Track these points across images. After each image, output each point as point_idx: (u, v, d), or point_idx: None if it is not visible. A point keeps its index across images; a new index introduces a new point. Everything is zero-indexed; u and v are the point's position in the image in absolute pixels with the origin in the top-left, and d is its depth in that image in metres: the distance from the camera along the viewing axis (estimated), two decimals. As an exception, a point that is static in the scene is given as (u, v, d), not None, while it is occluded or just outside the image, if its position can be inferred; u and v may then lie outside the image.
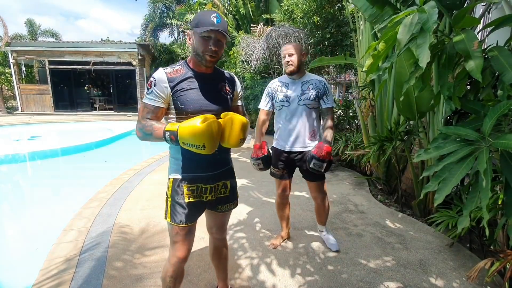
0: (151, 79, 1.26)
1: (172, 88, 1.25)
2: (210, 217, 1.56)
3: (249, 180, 4.13)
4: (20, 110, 13.63)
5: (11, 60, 13.18)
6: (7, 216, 3.68)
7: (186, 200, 1.33)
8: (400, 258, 2.21)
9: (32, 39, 16.52)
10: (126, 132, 9.44)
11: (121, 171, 4.46)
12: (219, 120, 1.19)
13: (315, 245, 2.40)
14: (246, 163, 5.19)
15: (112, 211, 3.00)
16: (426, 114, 2.65)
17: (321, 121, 2.19)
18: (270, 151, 2.25)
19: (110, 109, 15.72)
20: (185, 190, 1.33)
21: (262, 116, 2.24)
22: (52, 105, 13.87)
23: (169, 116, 1.32)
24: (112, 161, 6.40)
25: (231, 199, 1.50)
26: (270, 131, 2.35)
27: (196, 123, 1.10)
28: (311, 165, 1.95)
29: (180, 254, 1.37)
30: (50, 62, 13.53)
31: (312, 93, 2.04)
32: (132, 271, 2.02)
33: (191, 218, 1.36)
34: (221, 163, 1.42)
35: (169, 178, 1.39)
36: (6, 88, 14.65)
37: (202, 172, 1.35)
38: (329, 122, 2.06)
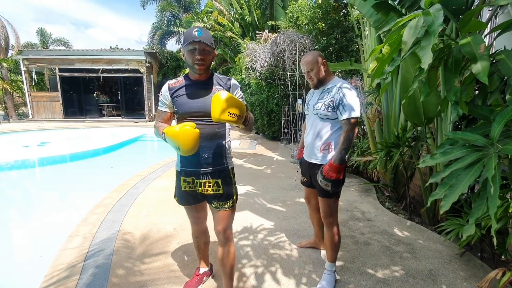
0: (162, 89, 1.59)
1: (171, 95, 1.55)
2: (213, 214, 1.69)
3: (253, 186, 4.11)
4: (30, 116, 13.91)
5: (23, 68, 13.49)
6: (15, 220, 3.73)
7: (183, 189, 1.63)
8: (409, 268, 2.15)
9: (44, 48, 16.96)
10: (133, 138, 9.54)
11: (127, 176, 4.48)
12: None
13: (321, 254, 2.35)
14: (251, 169, 5.18)
15: (117, 217, 3.01)
16: (434, 119, 2.61)
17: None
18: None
19: (118, 115, 15.93)
20: (181, 181, 1.62)
21: (305, 120, 2.17)
22: (62, 111, 14.12)
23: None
24: (119, 167, 6.46)
25: (224, 198, 1.61)
26: (276, 137, 2.33)
27: (175, 128, 1.36)
28: (319, 181, 1.83)
29: (191, 224, 1.82)
30: (61, 70, 13.83)
31: (325, 102, 1.83)
32: (135, 279, 2.01)
33: (189, 202, 1.69)
34: (210, 163, 1.57)
35: (175, 169, 1.69)
36: (18, 95, 14.98)
37: (193, 168, 1.58)
38: (341, 137, 1.77)
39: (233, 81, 1.61)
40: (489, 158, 1.16)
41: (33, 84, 14.24)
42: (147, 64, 13.93)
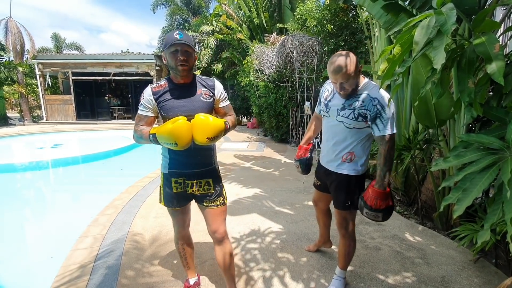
0: (142, 94, 1.56)
1: (156, 100, 1.52)
2: (203, 214, 1.71)
3: (261, 189, 4.10)
4: (44, 119, 14.27)
5: (37, 72, 13.88)
6: (28, 221, 3.81)
7: (174, 190, 1.62)
8: (421, 274, 2.09)
9: (58, 52, 17.42)
10: (143, 141, 9.63)
11: (137, 178, 4.54)
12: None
13: (330, 258, 2.32)
14: (259, 172, 5.16)
15: (127, 219, 3.04)
16: (446, 122, 2.55)
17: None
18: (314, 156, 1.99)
19: (129, 118, 16.18)
20: (173, 182, 1.61)
21: (312, 117, 2.06)
22: (75, 114, 14.45)
23: (157, 122, 1.61)
24: (129, 168, 6.54)
25: (214, 196, 1.66)
26: (284, 139, 2.26)
27: (167, 124, 1.34)
28: (364, 214, 1.62)
29: (177, 228, 1.77)
30: (74, 74, 14.17)
31: (356, 111, 1.58)
32: (144, 280, 2.02)
33: (179, 204, 1.67)
34: (201, 164, 1.62)
35: (161, 172, 1.68)
36: (32, 98, 15.43)
37: (185, 169, 1.60)
38: (381, 156, 1.55)
39: (217, 82, 1.64)
40: (505, 161, 1.12)
41: (47, 87, 14.62)
42: (157, 68, 14.12)
